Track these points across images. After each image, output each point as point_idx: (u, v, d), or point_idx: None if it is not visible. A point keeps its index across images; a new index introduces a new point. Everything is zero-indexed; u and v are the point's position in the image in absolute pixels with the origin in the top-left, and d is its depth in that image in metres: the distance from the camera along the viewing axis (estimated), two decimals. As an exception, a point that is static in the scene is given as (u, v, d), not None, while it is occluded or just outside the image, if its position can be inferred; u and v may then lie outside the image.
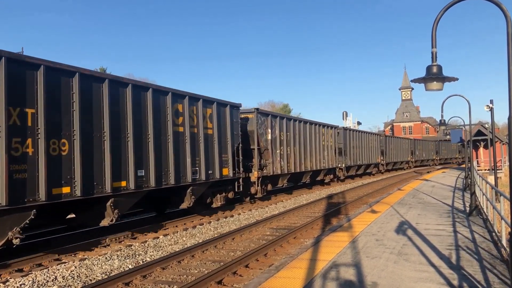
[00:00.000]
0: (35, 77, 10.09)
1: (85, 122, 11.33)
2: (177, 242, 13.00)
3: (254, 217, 17.72)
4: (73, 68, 11.16)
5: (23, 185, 9.62)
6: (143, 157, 13.44)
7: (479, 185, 15.08)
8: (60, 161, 10.59)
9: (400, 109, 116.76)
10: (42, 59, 10.31)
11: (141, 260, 10.86)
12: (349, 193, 27.00)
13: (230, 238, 13.04)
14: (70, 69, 11.08)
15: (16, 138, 9.51)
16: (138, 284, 8.81)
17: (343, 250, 9.52)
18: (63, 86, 10.84)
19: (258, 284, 7.20)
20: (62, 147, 10.66)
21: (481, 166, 44.03)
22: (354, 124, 59.94)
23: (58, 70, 10.72)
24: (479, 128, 41.72)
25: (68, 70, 11.03)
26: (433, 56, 5.88)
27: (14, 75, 9.60)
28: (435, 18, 5.92)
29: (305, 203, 21.81)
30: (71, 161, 10.86)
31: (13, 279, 9.13)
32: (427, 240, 10.36)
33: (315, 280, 7.26)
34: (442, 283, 6.95)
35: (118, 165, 12.38)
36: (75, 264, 10.36)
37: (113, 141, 12.23)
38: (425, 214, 14.80)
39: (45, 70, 10.25)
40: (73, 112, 11.01)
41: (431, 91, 6.04)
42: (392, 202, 18.84)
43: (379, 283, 7.01)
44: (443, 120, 20.22)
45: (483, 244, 9.84)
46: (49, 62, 10.46)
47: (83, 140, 11.17)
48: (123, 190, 12.57)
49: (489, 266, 7.92)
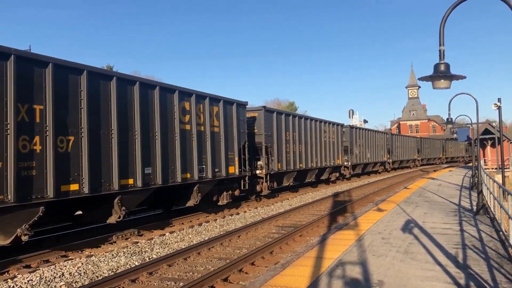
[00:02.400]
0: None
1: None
2: (183, 240, 13.05)
3: (259, 215, 17.75)
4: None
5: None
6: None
7: (486, 184, 15.00)
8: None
9: (407, 107, 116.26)
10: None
11: (147, 257, 10.91)
12: (355, 192, 26.99)
13: (236, 236, 13.07)
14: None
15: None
16: (144, 281, 8.85)
17: (349, 248, 9.51)
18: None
19: (264, 282, 7.22)
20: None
21: (488, 165, 43.69)
22: (360, 122, 59.65)
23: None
24: (487, 126, 41.38)
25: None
26: (441, 54, 5.86)
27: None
28: (443, 16, 5.90)
29: (311, 201, 21.81)
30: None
31: (21, 275, 9.22)
32: (434, 239, 10.32)
33: (321, 278, 7.26)
34: (448, 282, 6.93)
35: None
36: (82, 260, 10.43)
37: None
38: (432, 213, 14.74)
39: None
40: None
41: (438, 89, 6.01)
42: (398, 200, 18.78)
43: (386, 281, 7.00)
44: (450, 119, 20.14)
45: (490, 243, 9.79)
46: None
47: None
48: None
49: (496, 265, 7.89)
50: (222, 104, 17.57)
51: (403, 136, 58.49)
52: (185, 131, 15.20)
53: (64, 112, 10.65)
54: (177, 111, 14.76)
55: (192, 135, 15.54)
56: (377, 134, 44.89)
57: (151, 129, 13.59)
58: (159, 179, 13.70)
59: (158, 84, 14.16)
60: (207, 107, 16.50)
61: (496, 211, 12.46)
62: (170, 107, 14.53)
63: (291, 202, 22.17)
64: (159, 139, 13.79)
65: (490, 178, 14.57)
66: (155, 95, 13.82)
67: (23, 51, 9.82)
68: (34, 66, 9.96)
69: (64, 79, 10.69)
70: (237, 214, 17.99)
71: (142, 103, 13.18)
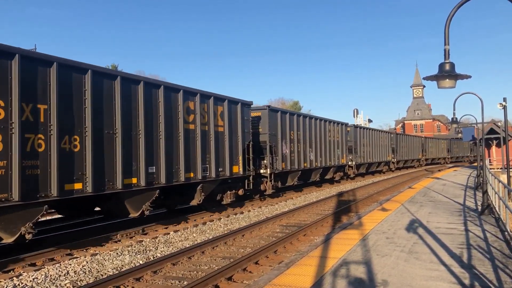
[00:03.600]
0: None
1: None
2: (188, 238, 13.07)
3: (263, 214, 17.74)
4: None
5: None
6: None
7: (491, 184, 14.93)
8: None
9: (412, 106, 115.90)
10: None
11: (152, 255, 10.93)
12: (359, 191, 26.95)
13: (240, 235, 13.07)
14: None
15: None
16: (148, 279, 8.87)
17: (353, 248, 9.49)
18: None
19: (268, 281, 7.22)
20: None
21: (493, 165, 43.49)
22: (365, 122, 59.59)
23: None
24: (492, 126, 41.20)
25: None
26: (446, 54, 5.83)
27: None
28: (448, 16, 5.87)
29: (315, 200, 21.79)
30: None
31: (26, 273, 9.25)
32: (438, 239, 10.29)
33: (325, 278, 7.26)
34: (453, 282, 6.91)
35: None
36: (87, 259, 10.46)
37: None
38: (436, 213, 14.70)
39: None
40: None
41: (443, 89, 5.99)
42: (402, 200, 18.74)
43: (390, 281, 6.98)
44: (455, 118, 20.04)
45: (495, 243, 9.75)
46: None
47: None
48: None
49: (501, 265, 7.85)
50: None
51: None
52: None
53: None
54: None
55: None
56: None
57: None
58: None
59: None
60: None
61: (501, 211, 12.41)
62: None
63: (295, 202, 22.16)
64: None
65: (495, 178, 14.50)
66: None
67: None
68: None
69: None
70: (241, 213, 17.99)
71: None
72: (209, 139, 16.33)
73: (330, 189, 29.67)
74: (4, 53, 9.32)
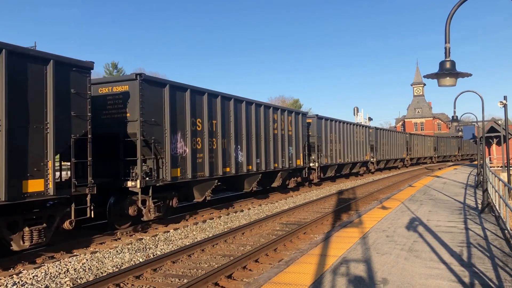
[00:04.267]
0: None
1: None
2: (187, 236, 13.08)
3: (264, 212, 17.75)
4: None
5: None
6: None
7: (492, 182, 14.93)
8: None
9: (412, 105, 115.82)
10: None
11: (152, 253, 10.95)
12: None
13: (240, 233, 13.08)
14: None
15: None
16: (148, 277, 8.88)
17: (353, 246, 9.49)
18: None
19: (268, 279, 7.22)
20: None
21: (493, 163, 43.47)
22: (365, 120, 59.45)
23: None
24: (492, 124, 41.15)
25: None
26: (447, 52, 5.82)
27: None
28: (449, 14, 5.86)
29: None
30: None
31: (26, 271, 9.26)
32: (438, 237, 10.29)
33: (325, 276, 7.26)
34: (453, 280, 6.91)
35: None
36: (87, 257, 10.47)
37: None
38: (436, 211, 14.70)
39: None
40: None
41: (444, 87, 5.98)
42: (403, 198, 18.74)
43: (390, 279, 6.98)
44: (455, 116, 20.05)
45: (495, 241, 9.75)
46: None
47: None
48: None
49: (501, 263, 7.85)
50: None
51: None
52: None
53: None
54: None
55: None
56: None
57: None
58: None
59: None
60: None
61: (501, 210, 12.40)
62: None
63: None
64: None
65: (495, 176, 14.50)
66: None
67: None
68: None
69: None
70: (241, 211, 17.97)
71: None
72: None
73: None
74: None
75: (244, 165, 18.70)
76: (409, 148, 53.56)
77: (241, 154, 18.59)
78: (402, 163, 52.48)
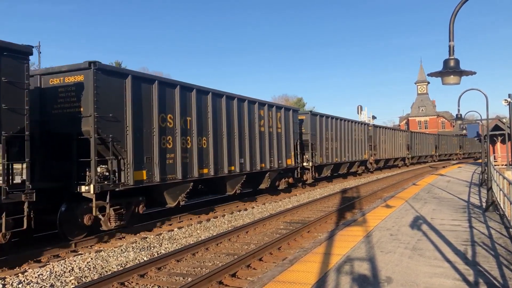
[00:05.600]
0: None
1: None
2: (192, 235, 13.11)
3: (267, 211, 17.76)
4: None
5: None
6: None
7: (496, 180, 14.87)
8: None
9: (416, 103, 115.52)
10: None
11: (156, 252, 10.98)
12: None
13: (244, 232, 13.09)
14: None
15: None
16: (153, 276, 8.91)
17: (357, 245, 9.48)
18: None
19: (272, 278, 7.22)
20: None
21: (498, 161, 43.32)
22: (369, 118, 59.42)
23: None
24: (497, 122, 41.05)
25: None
26: (451, 50, 5.81)
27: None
28: (453, 12, 5.84)
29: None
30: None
31: (31, 270, 9.31)
32: (442, 236, 10.27)
33: (329, 274, 7.26)
34: (457, 278, 6.90)
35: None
36: (91, 255, 10.51)
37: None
38: (440, 209, 14.66)
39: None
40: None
41: (448, 85, 5.97)
42: (407, 197, 18.70)
43: (394, 278, 6.98)
44: (459, 115, 19.99)
45: (500, 240, 9.72)
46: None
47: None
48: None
49: (506, 262, 7.83)
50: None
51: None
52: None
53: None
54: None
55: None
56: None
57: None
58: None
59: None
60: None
61: (506, 208, 12.36)
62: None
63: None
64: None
65: (500, 174, 14.44)
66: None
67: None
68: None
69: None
70: (245, 210, 18.00)
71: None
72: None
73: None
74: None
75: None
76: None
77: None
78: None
